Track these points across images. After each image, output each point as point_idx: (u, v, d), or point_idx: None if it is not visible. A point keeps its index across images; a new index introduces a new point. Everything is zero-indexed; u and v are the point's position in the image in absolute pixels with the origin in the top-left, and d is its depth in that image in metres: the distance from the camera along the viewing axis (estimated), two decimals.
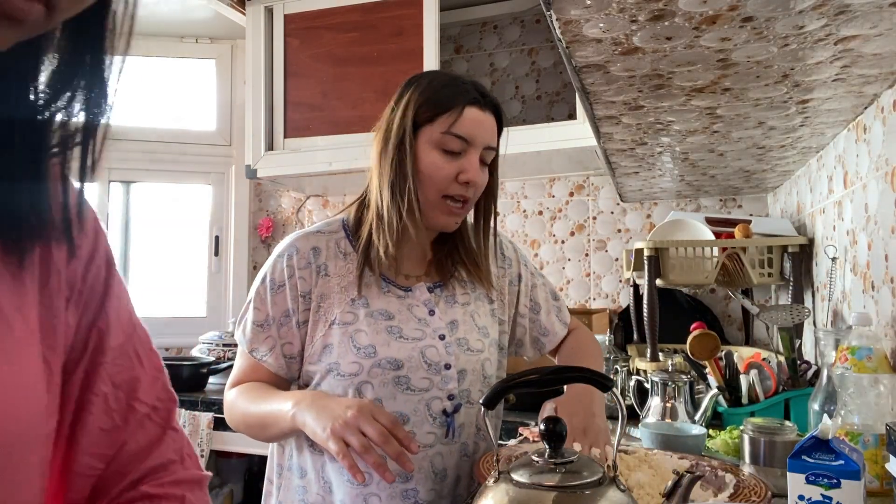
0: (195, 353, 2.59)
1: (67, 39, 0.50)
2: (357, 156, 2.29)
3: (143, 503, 0.61)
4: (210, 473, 0.68)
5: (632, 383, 1.67)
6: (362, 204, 1.21)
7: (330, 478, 1.12)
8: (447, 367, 1.13)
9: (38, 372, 0.52)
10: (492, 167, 1.19)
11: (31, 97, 0.50)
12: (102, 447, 0.60)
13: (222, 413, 2.16)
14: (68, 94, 0.50)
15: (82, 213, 0.55)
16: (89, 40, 0.50)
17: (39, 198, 0.51)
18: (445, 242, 1.23)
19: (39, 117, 0.50)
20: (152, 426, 0.64)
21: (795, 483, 0.84)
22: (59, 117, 0.51)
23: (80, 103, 0.51)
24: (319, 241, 1.17)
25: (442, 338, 1.15)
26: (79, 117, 0.51)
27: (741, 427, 1.16)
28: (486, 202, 1.21)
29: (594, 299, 2.60)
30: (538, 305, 1.31)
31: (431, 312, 1.17)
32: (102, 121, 0.52)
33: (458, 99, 1.11)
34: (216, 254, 3.06)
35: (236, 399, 1.15)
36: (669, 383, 1.42)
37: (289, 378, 1.17)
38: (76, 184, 0.53)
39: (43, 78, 0.50)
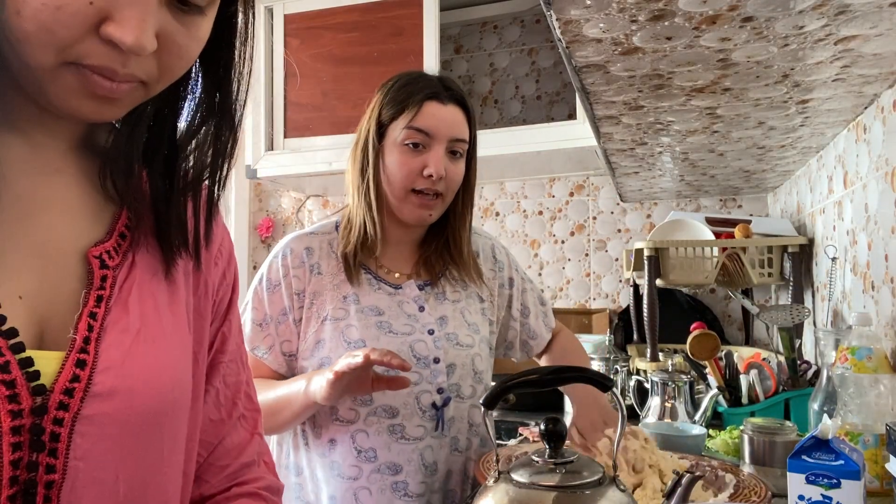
0: None
1: (202, 78, 0.59)
2: None
3: (244, 500, 0.69)
4: (283, 484, 0.76)
5: (632, 383, 1.67)
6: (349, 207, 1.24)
7: (320, 475, 1.14)
8: (436, 360, 1.15)
9: (184, 357, 0.60)
10: (470, 160, 1.21)
11: (173, 131, 0.60)
12: (209, 435, 0.68)
13: None
14: (204, 129, 0.59)
15: (209, 235, 0.64)
16: (220, 84, 0.59)
17: (177, 219, 0.60)
18: (433, 240, 1.24)
19: (179, 149, 0.60)
20: (245, 427, 0.72)
21: (795, 483, 0.84)
22: (195, 149, 0.60)
23: (212, 136, 0.60)
24: (312, 242, 1.20)
25: (431, 332, 1.17)
26: (211, 148, 0.60)
27: (741, 427, 1.16)
28: (464, 195, 1.22)
29: (594, 299, 2.60)
30: (528, 309, 1.34)
31: (421, 308, 1.19)
32: (230, 151, 0.61)
33: (416, 94, 1.15)
34: None
35: None
36: (669, 383, 1.42)
37: (288, 376, 1.18)
38: (206, 208, 0.63)
39: (182, 113, 0.60)
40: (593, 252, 2.62)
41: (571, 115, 2.49)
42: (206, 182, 0.61)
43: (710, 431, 1.39)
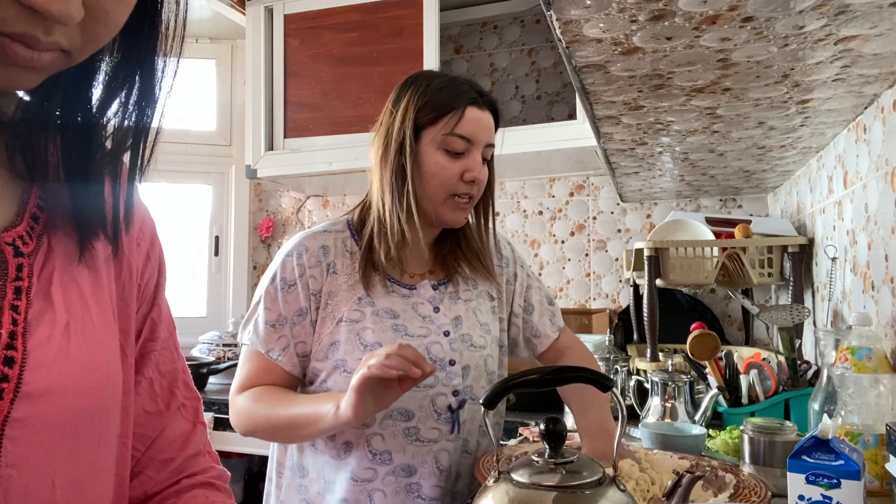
0: (195, 353, 2.59)
1: (120, 44, 0.52)
2: (357, 156, 2.29)
3: (199, 490, 0.67)
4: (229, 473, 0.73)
5: (632, 383, 1.67)
6: (365, 205, 1.22)
7: (331, 476, 1.13)
8: (451, 363, 1.15)
9: (114, 351, 0.57)
10: (490, 163, 1.21)
11: (88, 102, 0.54)
12: (146, 428, 0.65)
13: (222, 413, 2.18)
14: (121, 97, 0.53)
15: (129, 216, 0.59)
16: (141, 44, 0.53)
17: (95, 197, 0.55)
18: (447, 240, 1.24)
19: (95, 120, 0.54)
20: (186, 417, 0.69)
21: (795, 483, 0.84)
22: (112, 120, 0.54)
23: (133, 107, 0.54)
24: (328, 240, 1.18)
25: (447, 334, 1.16)
26: (130, 120, 0.54)
27: (741, 427, 1.16)
28: (485, 198, 1.23)
29: (594, 299, 2.60)
30: (531, 306, 1.32)
31: (436, 309, 1.18)
32: (153, 124, 0.55)
33: (458, 100, 1.13)
34: (216, 254, 3.06)
35: (252, 404, 1.11)
36: (669, 383, 1.42)
37: (301, 377, 1.16)
38: (127, 185, 0.58)
39: (98, 82, 0.53)
40: (593, 252, 2.62)
41: (571, 115, 2.49)
42: (128, 157, 0.56)
43: (710, 431, 1.39)
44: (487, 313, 1.24)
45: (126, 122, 0.54)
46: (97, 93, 0.54)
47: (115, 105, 0.54)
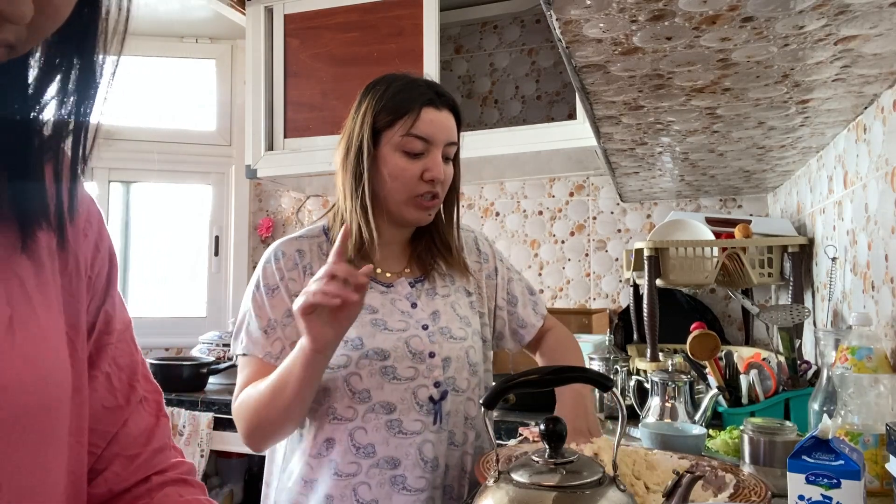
0: (195, 353, 2.59)
1: (57, 38, 0.51)
2: None
3: (171, 487, 0.65)
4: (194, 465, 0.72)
5: (632, 383, 1.67)
6: (336, 209, 1.25)
7: (315, 474, 1.14)
8: (431, 355, 1.16)
9: (60, 346, 0.55)
10: (454, 160, 1.24)
11: (23, 90, 0.52)
12: (105, 424, 0.63)
13: (222, 413, 2.18)
14: (56, 91, 0.52)
15: (73, 206, 0.56)
16: (78, 39, 0.51)
17: (35, 186, 0.53)
18: (422, 238, 1.27)
19: (30, 109, 0.52)
20: (148, 410, 0.67)
21: (795, 483, 0.84)
22: (48, 114, 0.52)
23: (70, 101, 0.52)
24: (303, 245, 1.22)
25: (425, 328, 1.18)
26: (68, 111, 0.52)
27: (741, 427, 1.16)
28: (450, 194, 1.25)
29: (594, 299, 2.60)
30: (515, 298, 1.36)
31: (414, 305, 1.20)
32: (91, 118, 0.53)
33: (414, 101, 1.16)
34: (216, 254, 3.06)
35: (244, 398, 1.12)
36: (669, 383, 1.42)
37: None
38: (70, 176, 0.55)
39: (32, 75, 0.52)
40: (593, 252, 2.62)
41: (571, 115, 2.49)
42: (69, 143, 0.54)
43: (710, 431, 1.39)
44: (466, 307, 1.26)
45: (63, 113, 0.52)
46: (31, 80, 0.52)
47: (50, 95, 0.52)
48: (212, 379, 2.44)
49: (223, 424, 2.18)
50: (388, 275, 1.23)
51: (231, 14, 2.59)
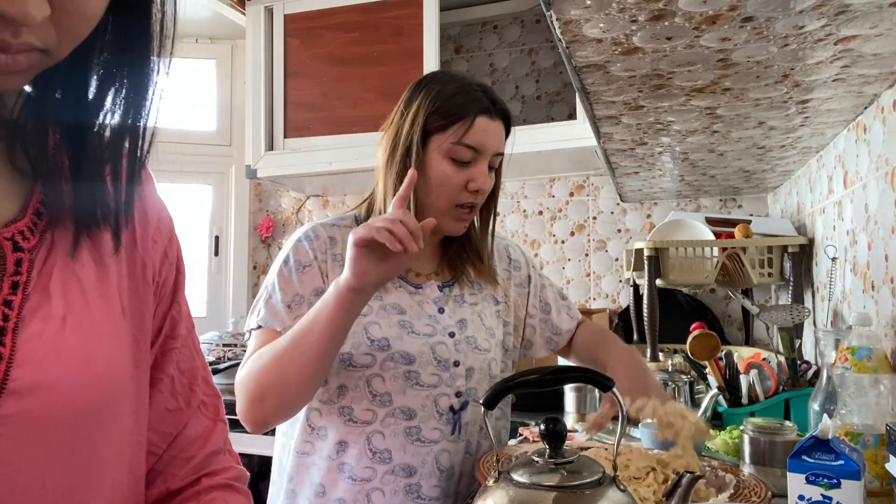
0: None
1: (113, 43, 0.52)
2: (357, 156, 2.29)
3: (218, 492, 0.66)
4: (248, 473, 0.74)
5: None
6: (371, 201, 1.21)
7: (329, 476, 1.12)
8: (456, 364, 1.14)
9: (118, 347, 0.56)
10: (497, 170, 1.20)
11: (84, 98, 0.53)
12: (167, 426, 0.65)
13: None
14: (113, 96, 0.53)
15: (128, 208, 0.58)
16: (133, 43, 0.52)
17: (92, 192, 0.54)
18: (454, 241, 1.23)
19: (90, 117, 0.54)
20: (206, 414, 0.69)
21: (795, 483, 0.84)
22: (107, 119, 0.54)
23: (126, 105, 0.53)
24: (335, 233, 1.18)
25: (451, 335, 1.15)
26: (124, 117, 0.54)
27: (741, 427, 1.16)
28: (489, 203, 1.21)
29: (594, 299, 2.60)
30: (548, 306, 1.32)
31: (441, 310, 1.18)
32: (146, 122, 0.55)
33: (469, 108, 1.11)
34: (216, 254, 3.06)
35: (255, 358, 1.05)
36: (669, 383, 1.42)
37: None
38: (126, 182, 0.57)
39: (92, 79, 0.53)
40: (593, 252, 2.62)
41: (571, 115, 2.49)
42: (127, 147, 0.55)
43: (711, 431, 1.39)
44: (492, 317, 1.24)
45: (120, 120, 0.54)
46: (91, 89, 0.53)
47: (108, 102, 0.53)
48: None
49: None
50: (417, 275, 1.20)
51: (231, 14, 2.59)
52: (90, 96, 0.53)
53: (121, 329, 0.57)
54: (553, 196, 2.68)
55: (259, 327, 1.11)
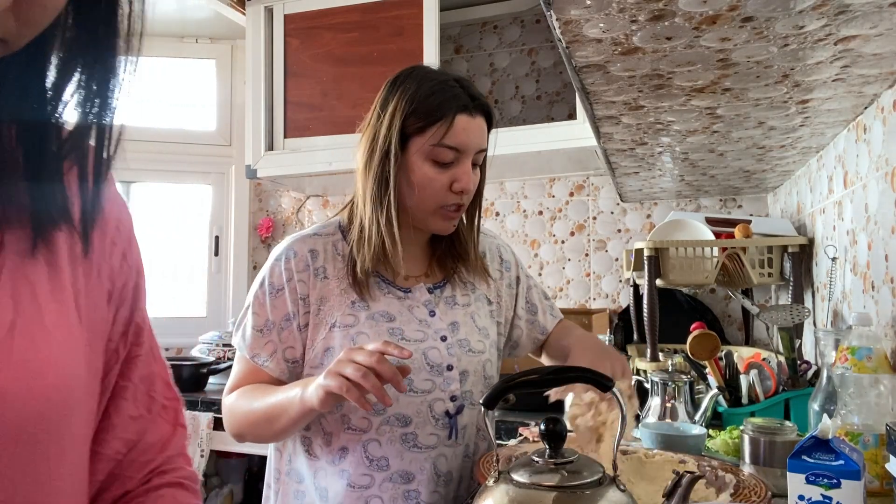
0: (195, 353, 2.59)
1: (75, 38, 0.50)
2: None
3: (167, 489, 0.66)
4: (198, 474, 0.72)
5: (632, 383, 1.67)
6: (352, 205, 1.19)
7: (327, 483, 1.12)
8: (449, 368, 1.13)
9: (73, 352, 0.54)
10: (482, 167, 1.19)
11: (41, 93, 0.51)
12: (130, 433, 0.64)
13: (221, 413, 2.17)
14: (75, 90, 0.51)
15: (95, 211, 0.56)
16: (96, 39, 0.50)
17: (52, 190, 0.52)
18: (442, 240, 1.22)
19: (48, 116, 0.51)
20: (166, 419, 0.68)
21: (795, 483, 0.84)
22: (68, 116, 0.51)
23: (90, 101, 0.51)
24: (317, 244, 1.16)
25: (444, 339, 1.14)
26: (88, 115, 0.51)
27: (741, 427, 1.16)
28: (475, 199, 1.20)
29: (594, 299, 2.60)
30: (535, 306, 1.33)
31: (432, 314, 1.16)
32: (112, 120, 0.52)
33: (447, 107, 1.08)
34: (216, 254, 3.06)
35: (236, 401, 1.13)
36: (669, 383, 1.42)
37: (290, 382, 1.15)
38: (93, 182, 0.55)
39: (50, 74, 0.51)
40: (593, 252, 2.62)
41: (571, 115, 2.49)
42: (92, 147, 0.53)
43: (710, 431, 1.39)
44: (486, 318, 1.23)
45: (83, 117, 0.51)
46: (49, 84, 0.51)
47: (69, 94, 0.51)
48: (212, 379, 2.44)
49: (223, 424, 2.18)
50: (405, 278, 1.17)
51: (231, 14, 2.59)
52: (48, 92, 0.51)
53: (76, 335, 0.54)
54: (553, 196, 2.68)
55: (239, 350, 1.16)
